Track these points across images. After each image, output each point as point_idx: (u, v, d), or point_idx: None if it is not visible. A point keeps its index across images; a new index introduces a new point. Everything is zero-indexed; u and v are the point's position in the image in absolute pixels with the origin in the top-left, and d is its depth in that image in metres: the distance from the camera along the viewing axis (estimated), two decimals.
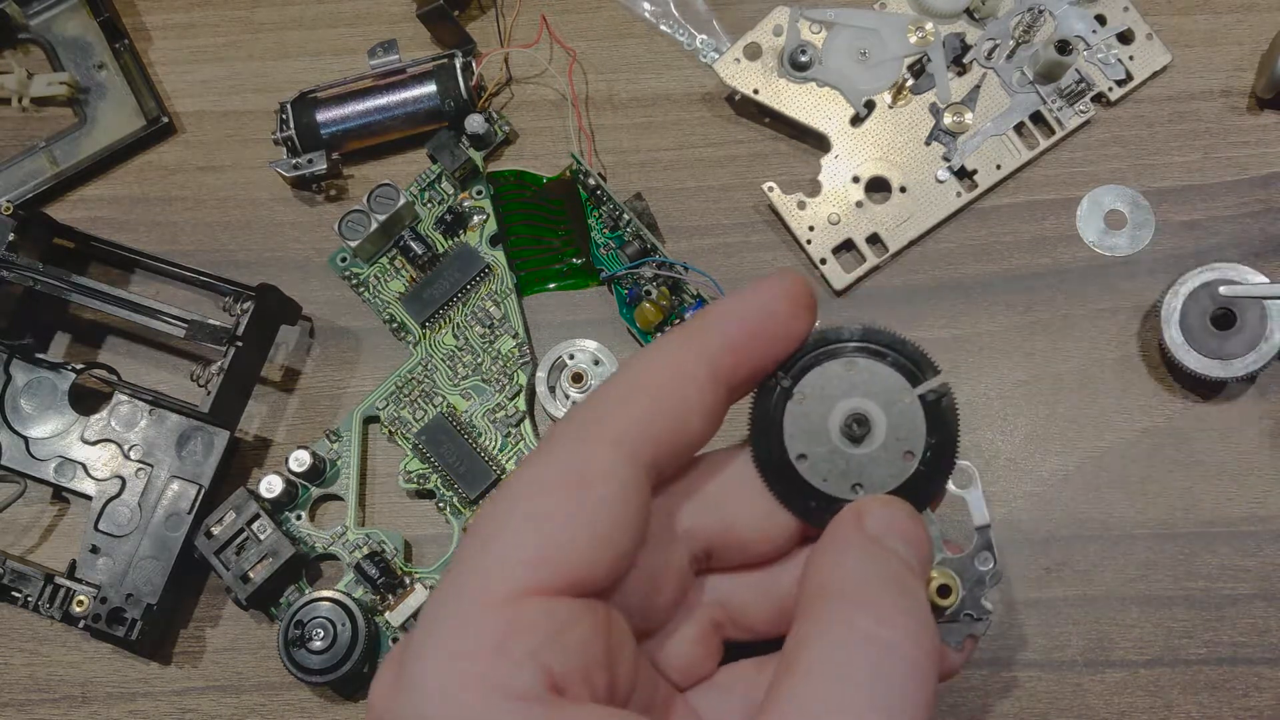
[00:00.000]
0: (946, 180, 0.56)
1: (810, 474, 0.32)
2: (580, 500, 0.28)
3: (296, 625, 0.49)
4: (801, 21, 0.56)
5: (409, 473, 0.53)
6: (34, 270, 0.52)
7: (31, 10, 0.60)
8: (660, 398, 0.30)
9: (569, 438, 0.30)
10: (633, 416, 0.30)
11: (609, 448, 0.29)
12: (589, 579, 0.28)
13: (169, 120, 0.59)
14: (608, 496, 0.29)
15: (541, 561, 0.28)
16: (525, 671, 0.26)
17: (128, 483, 0.52)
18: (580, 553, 0.28)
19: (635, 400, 0.30)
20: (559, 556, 0.28)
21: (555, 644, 0.27)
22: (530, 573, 0.27)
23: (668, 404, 0.30)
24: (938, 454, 0.32)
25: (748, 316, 0.32)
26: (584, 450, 0.29)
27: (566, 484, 0.29)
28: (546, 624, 0.27)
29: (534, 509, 0.28)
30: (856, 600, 0.29)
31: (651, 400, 0.30)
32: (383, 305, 0.56)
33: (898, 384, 0.32)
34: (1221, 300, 0.51)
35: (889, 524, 0.31)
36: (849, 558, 0.30)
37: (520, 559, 0.28)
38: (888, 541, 0.30)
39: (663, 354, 0.31)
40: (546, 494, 0.29)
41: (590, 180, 0.55)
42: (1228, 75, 0.57)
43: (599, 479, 0.29)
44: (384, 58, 0.57)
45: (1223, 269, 0.52)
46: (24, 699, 0.52)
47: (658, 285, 0.54)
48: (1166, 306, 0.52)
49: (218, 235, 0.58)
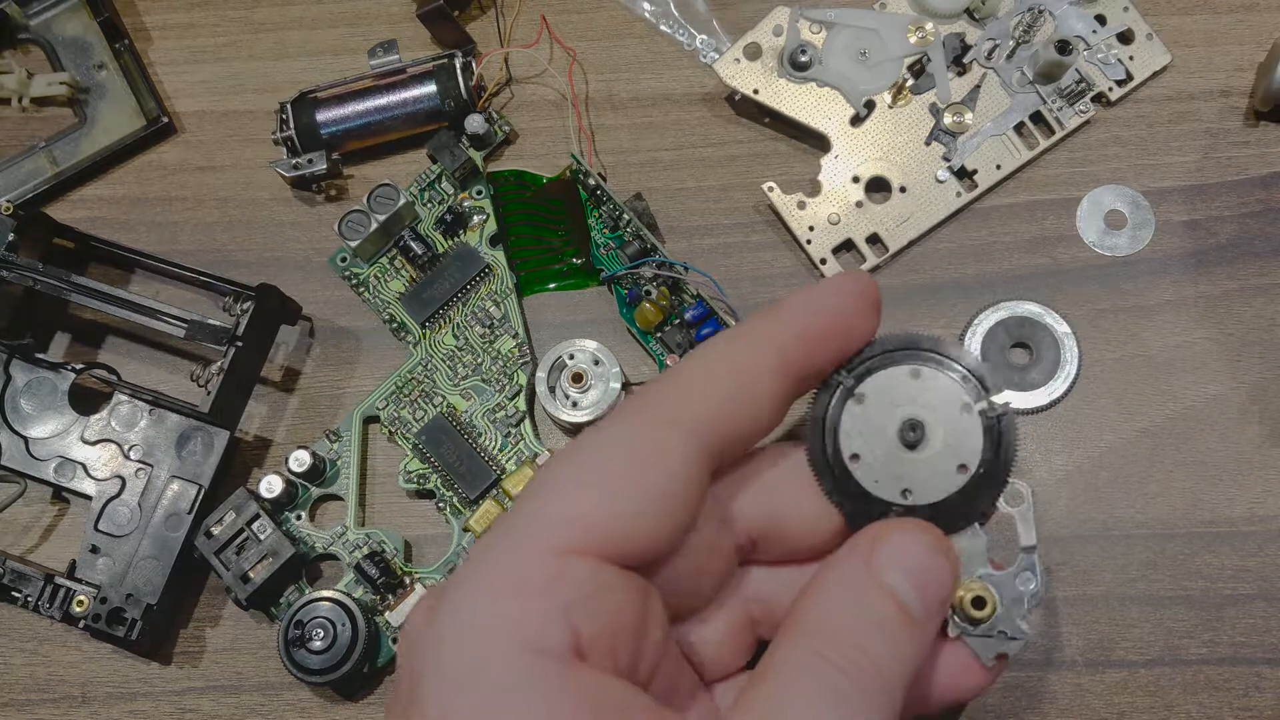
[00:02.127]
0: (946, 180, 0.56)
1: (862, 475, 0.32)
2: (640, 471, 0.29)
3: (296, 625, 0.49)
4: (801, 21, 0.56)
5: (409, 473, 0.53)
6: (34, 270, 0.52)
7: (31, 10, 0.60)
8: (729, 384, 0.31)
9: (635, 412, 0.30)
10: (700, 399, 0.30)
11: (673, 426, 0.29)
12: (635, 550, 0.28)
13: (169, 120, 0.59)
14: (667, 471, 0.29)
15: (591, 523, 0.28)
16: (554, 626, 0.26)
17: (128, 483, 0.52)
18: (632, 522, 0.28)
19: (704, 384, 0.31)
20: (609, 522, 0.28)
21: (589, 605, 0.27)
22: (578, 532, 0.28)
23: (736, 391, 0.31)
24: (992, 471, 0.32)
25: (820, 311, 0.32)
26: (649, 425, 0.30)
27: (628, 454, 0.29)
28: (584, 584, 0.27)
29: (592, 473, 0.29)
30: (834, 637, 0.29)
31: (720, 385, 0.31)
32: (383, 305, 0.56)
33: (959, 397, 0.32)
34: (1016, 335, 0.53)
35: (899, 558, 0.30)
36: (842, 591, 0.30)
37: (570, 517, 0.28)
38: (889, 577, 0.30)
39: (736, 342, 0.32)
40: (606, 461, 0.29)
41: (590, 180, 0.55)
42: (1228, 76, 0.57)
43: (661, 454, 0.29)
44: (384, 58, 0.57)
45: (1012, 306, 0.54)
46: (24, 699, 0.52)
47: (658, 285, 0.54)
48: (967, 345, 0.53)
49: (218, 235, 0.58)
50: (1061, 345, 0.53)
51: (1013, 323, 0.54)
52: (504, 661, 0.26)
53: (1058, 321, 0.54)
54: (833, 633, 0.29)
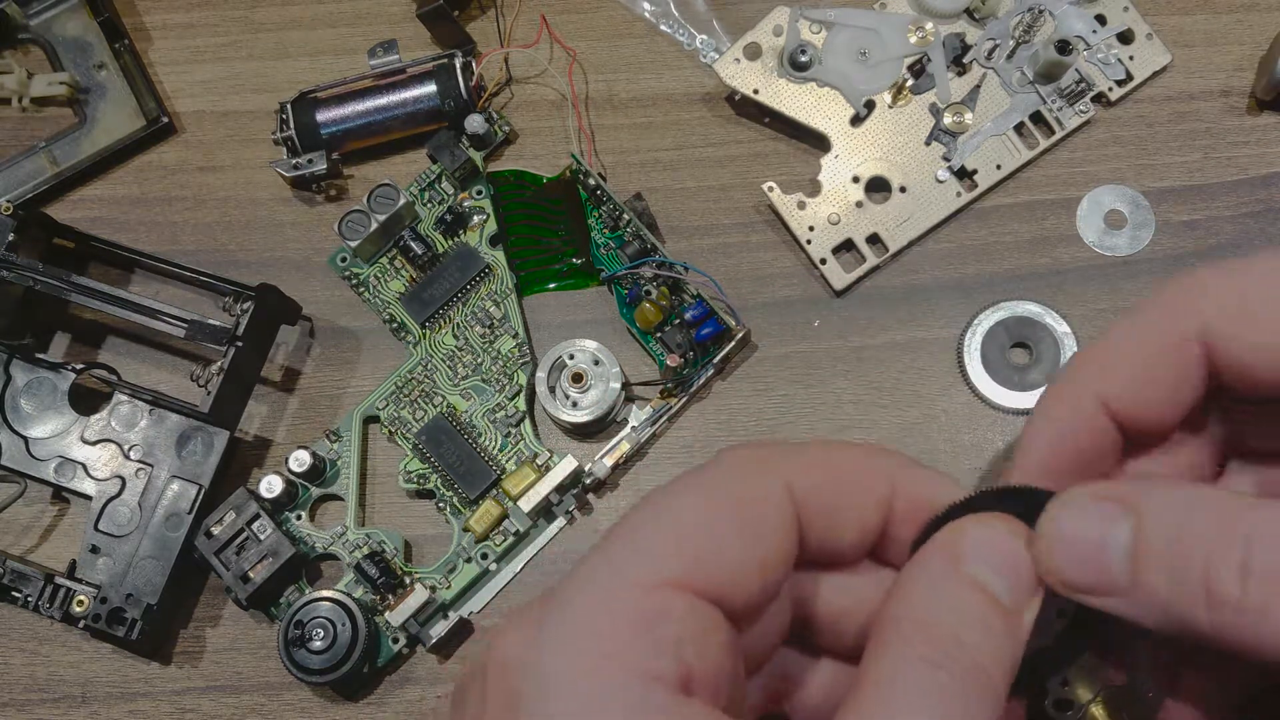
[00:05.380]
0: (946, 180, 0.56)
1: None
2: (747, 519, 0.29)
3: (296, 625, 0.49)
4: (801, 21, 0.56)
5: (409, 473, 0.53)
6: (34, 270, 0.52)
7: (31, 10, 0.60)
8: (842, 481, 0.31)
9: (747, 464, 0.30)
10: (811, 478, 0.30)
11: (783, 488, 0.29)
12: (735, 597, 0.28)
13: (169, 120, 0.59)
14: (772, 526, 0.29)
15: (699, 561, 0.28)
16: (666, 658, 0.26)
17: (128, 483, 0.52)
18: (737, 568, 0.28)
19: (820, 466, 0.31)
20: (717, 563, 0.28)
21: (698, 642, 0.27)
22: (686, 568, 0.27)
23: (845, 492, 0.31)
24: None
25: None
26: (760, 479, 0.29)
27: (736, 500, 0.29)
28: (693, 620, 0.27)
29: (700, 511, 0.28)
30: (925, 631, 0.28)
31: (835, 476, 0.31)
32: (383, 305, 0.56)
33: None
34: (1016, 335, 0.53)
35: (983, 549, 0.30)
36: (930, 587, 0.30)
37: (679, 552, 0.28)
38: (974, 568, 0.29)
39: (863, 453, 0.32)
40: (715, 502, 0.29)
41: (590, 180, 0.55)
42: (1228, 75, 0.57)
43: (768, 507, 0.29)
44: (384, 58, 0.57)
45: (1012, 306, 0.54)
46: (24, 699, 0.52)
47: (658, 285, 0.54)
48: (967, 346, 0.53)
49: (218, 235, 0.58)
50: (1061, 345, 0.53)
51: (1013, 323, 0.54)
52: (620, 687, 0.26)
53: (1058, 321, 0.53)
54: (925, 629, 0.28)
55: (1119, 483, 0.32)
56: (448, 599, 0.52)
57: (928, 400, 0.54)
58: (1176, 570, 0.29)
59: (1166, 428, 0.33)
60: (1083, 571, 0.30)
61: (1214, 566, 0.28)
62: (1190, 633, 0.29)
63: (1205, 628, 0.28)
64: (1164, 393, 0.32)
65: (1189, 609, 0.28)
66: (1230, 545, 0.28)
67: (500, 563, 0.52)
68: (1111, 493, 0.30)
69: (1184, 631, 0.29)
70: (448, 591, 0.52)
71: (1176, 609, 0.29)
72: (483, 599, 0.52)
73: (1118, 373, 0.33)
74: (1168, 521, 0.29)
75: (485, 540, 0.52)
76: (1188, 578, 0.28)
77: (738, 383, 0.55)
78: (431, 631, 0.51)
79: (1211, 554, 0.28)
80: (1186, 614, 0.28)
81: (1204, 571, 0.28)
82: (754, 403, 0.54)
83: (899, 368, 0.54)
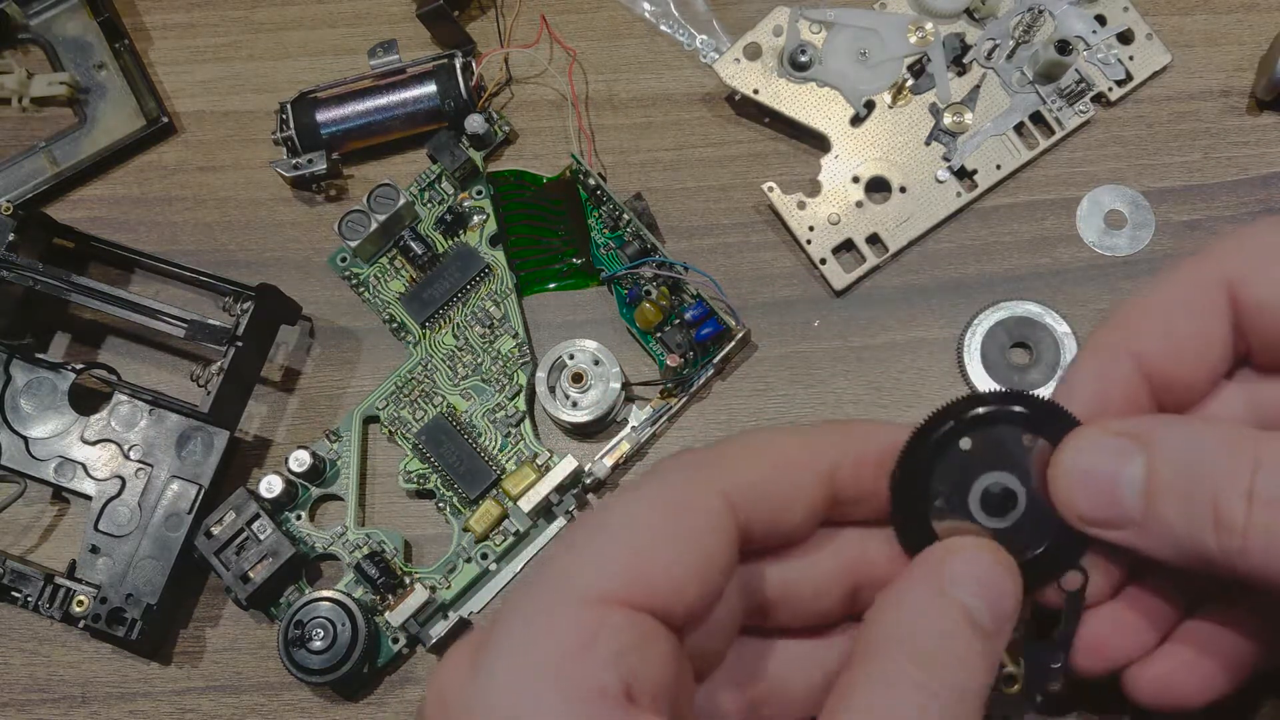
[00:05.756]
0: (946, 180, 0.56)
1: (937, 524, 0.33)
2: (681, 529, 0.29)
3: (296, 625, 0.49)
4: (801, 21, 0.56)
5: (409, 473, 0.53)
6: (34, 270, 0.52)
7: (31, 10, 0.60)
8: (777, 473, 0.31)
9: (679, 473, 0.30)
10: (746, 477, 0.30)
11: (716, 494, 0.30)
12: (674, 606, 0.28)
13: (169, 120, 0.59)
14: (707, 532, 0.29)
15: (635, 575, 0.28)
16: (608, 673, 0.26)
17: (128, 483, 0.52)
18: (673, 578, 0.28)
19: (753, 464, 0.31)
20: (652, 574, 0.28)
21: (637, 655, 0.27)
22: (622, 582, 0.28)
23: (781, 483, 0.31)
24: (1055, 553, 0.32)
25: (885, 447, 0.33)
26: (692, 487, 0.30)
27: (670, 510, 0.29)
28: (631, 633, 0.27)
29: (634, 525, 0.29)
30: (911, 649, 0.29)
31: (769, 471, 0.31)
32: (383, 305, 0.56)
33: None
34: (1016, 335, 0.53)
35: (969, 571, 0.31)
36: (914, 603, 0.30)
37: (614, 568, 0.28)
38: (958, 592, 0.30)
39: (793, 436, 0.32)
40: (649, 514, 0.29)
41: (590, 180, 0.55)
42: (1228, 75, 0.57)
43: (702, 515, 0.29)
44: (384, 58, 0.57)
45: (1012, 306, 0.54)
46: (24, 699, 0.52)
47: (658, 285, 0.54)
48: (967, 346, 0.53)
49: (218, 235, 0.58)
50: (1061, 345, 0.53)
51: (1013, 323, 0.54)
52: (564, 704, 0.26)
53: (1058, 321, 0.53)
54: (904, 642, 0.29)
55: (1131, 418, 0.32)
56: (448, 599, 0.52)
57: (928, 400, 0.54)
58: (1187, 501, 0.29)
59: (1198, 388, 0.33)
60: (1096, 505, 0.31)
61: (1223, 495, 0.28)
62: (1201, 562, 0.29)
63: (1215, 555, 0.29)
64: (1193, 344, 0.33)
65: (1199, 537, 0.29)
66: (1238, 474, 0.28)
67: (500, 563, 0.52)
68: (1125, 428, 0.31)
69: (1194, 561, 0.30)
70: (448, 591, 0.52)
71: (1187, 539, 0.29)
72: (483, 599, 0.52)
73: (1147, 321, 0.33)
74: (1179, 454, 0.30)
75: (485, 540, 0.52)
76: (1198, 508, 0.29)
77: (738, 383, 0.55)
78: (431, 631, 0.51)
79: (1220, 483, 0.28)
80: (1197, 543, 0.29)
81: (1213, 500, 0.28)
82: (754, 403, 0.54)
83: (899, 368, 0.54)
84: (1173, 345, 0.33)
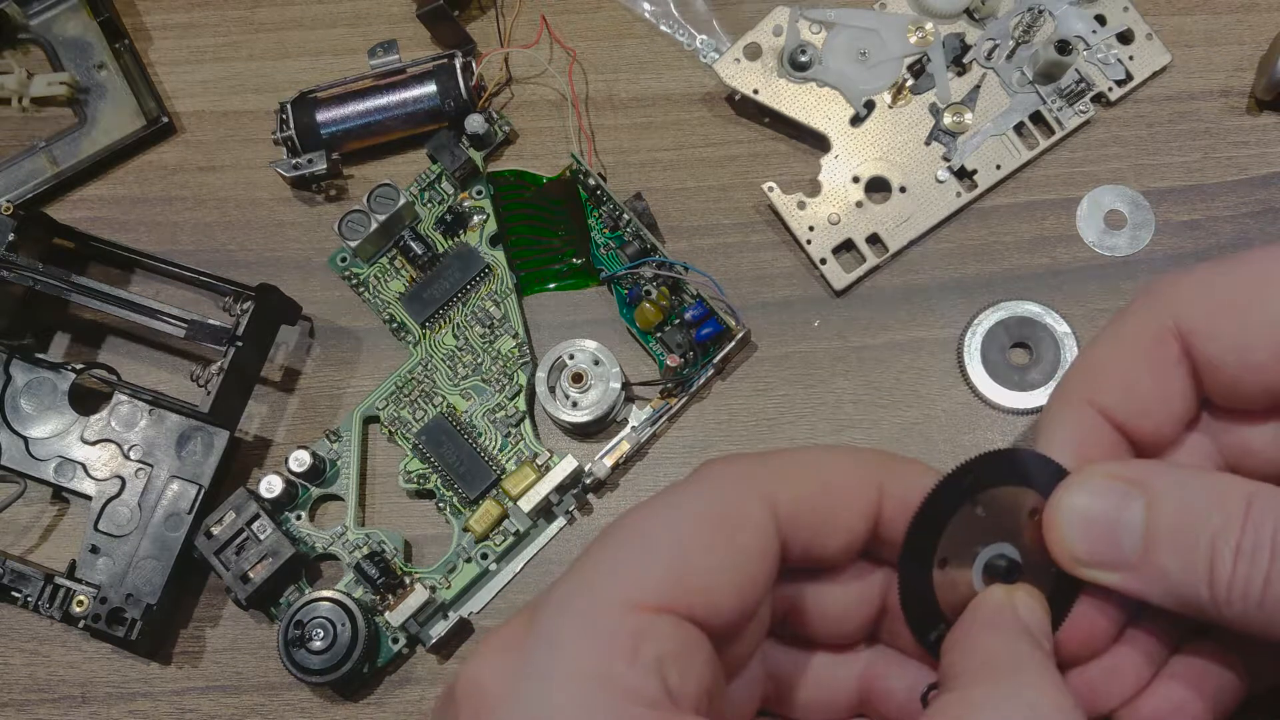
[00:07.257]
0: (946, 180, 0.56)
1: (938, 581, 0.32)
2: (726, 540, 0.29)
3: (296, 625, 0.49)
4: (801, 21, 0.56)
5: (409, 473, 0.53)
6: (34, 270, 0.52)
7: (31, 10, 0.60)
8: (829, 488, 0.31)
9: (728, 481, 0.30)
10: (795, 488, 0.30)
11: (764, 506, 0.29)
12: (714, 616, 0.28)
13: (169, 120, 0.59)
14: (752, 546, 0.29)
15: (679, 583, 0.28)
16: (652, 679, 0.26)
17: (128, 483, 0.52)
18: (715, 588, 0.28)
19: (804, 477, 0.31)
20: (696, 584, 0.28)
21: (680, 661, 0.27)
22: (667, 590, 0.28)
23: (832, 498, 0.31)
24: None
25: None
26: (740, 498, 0.29)
27: (717, 520, 0.29)
28: (675, 640, 0.27)
29: (680, 532, 0.28)
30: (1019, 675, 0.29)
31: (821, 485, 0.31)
32: (383, 305, 0.56)
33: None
34: (1016, 335, 0.53)
35: (1032, 611, 0.32)
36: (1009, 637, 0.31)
37: (659, 574, 0.28)
38: (1032, 627, 0.31)
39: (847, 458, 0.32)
40: (696, 522, 0.29)
41: (590, 180, 0.55)
42: (1228, 75, 0.57)
43: (749, 528, 0.29)
44: (384, 58, 0.57)
45: (1012, 306, 0.54)
46: (24, 699, 0.52)
47: (658, 285, 0.54)
48: (967, 346, 0.53)
49: (218, 235, 0.58)
50: (1061, 345, 0.53)
51: (1013, 323, 0.54)
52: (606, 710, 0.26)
53: (1058, 321, 0.53)
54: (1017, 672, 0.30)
55: (1131, 462, 0.33)
56: (448, 599, 0.52)
57: (928, 400, 0.54)
58: (1187, 549, 0.30)
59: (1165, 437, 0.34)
60: (1094, 548, 0.31)
61: (1218, 547, 0.29)
62: (1193, 610, 0.30)
63: (1207, 605, 0.29)
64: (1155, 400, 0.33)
65: (1193, 585, 0.29)
66: (1230, 526, 0.29)
67: (500, 563, 0.52)
68: (1125, 472, 0.31)
69: (1187, 608, 0.30)
70: (448, 591, 0.52)
71: (1181, 586, 0.30)
72: (483, 599, 0.52)
73: (1108, 378, 0.33)
74: (1179, 503, 0.30)
75: (485, 540, 0.52)
76: (1195, 557, 0.29)
77: (738, 383, 0.55)
78: (431, 631, 0.51)
79: (1216, 535, 0.29)
80: (1190, 592, 0.30)
81: (1209, 552, 0.29)
82: (754, 403, 0.54)
83: (899, 368, 0.54)
84: (1135, 402, 0.33)
